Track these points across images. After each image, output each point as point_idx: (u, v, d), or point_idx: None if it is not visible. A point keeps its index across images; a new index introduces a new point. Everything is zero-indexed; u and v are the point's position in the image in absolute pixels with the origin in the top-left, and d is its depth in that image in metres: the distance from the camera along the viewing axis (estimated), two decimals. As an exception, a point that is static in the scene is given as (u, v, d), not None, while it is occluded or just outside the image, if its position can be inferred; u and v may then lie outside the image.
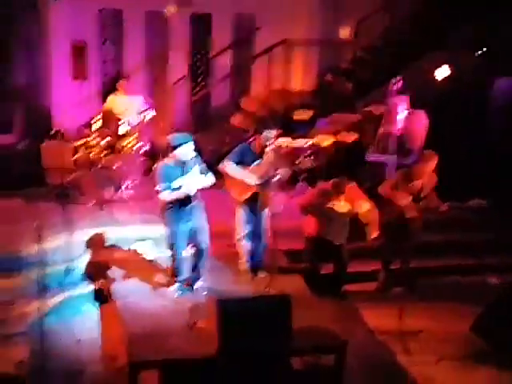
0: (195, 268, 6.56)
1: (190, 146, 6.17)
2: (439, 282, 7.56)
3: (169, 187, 6.13)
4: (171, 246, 6.46)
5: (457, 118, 9.20)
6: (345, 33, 10.27)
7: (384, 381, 5.98)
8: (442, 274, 7.69)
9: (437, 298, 7.23)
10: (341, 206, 6.88)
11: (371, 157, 8.87)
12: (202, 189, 6.32)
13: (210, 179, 6.41)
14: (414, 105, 8.73)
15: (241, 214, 6.86)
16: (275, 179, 6.63)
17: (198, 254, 6.50)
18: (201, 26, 10.36)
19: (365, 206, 6.92)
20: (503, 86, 9.40)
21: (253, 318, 5.73)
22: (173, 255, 6.52)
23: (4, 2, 9.04)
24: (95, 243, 7.26)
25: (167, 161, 6.28)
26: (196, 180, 6.21)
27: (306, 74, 10.47)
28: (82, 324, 6.45)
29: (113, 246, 7.30)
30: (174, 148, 6.14)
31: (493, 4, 9.48)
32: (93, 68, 9.80)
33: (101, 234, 7.34)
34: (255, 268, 7.05)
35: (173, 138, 6.30)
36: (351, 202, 6.94)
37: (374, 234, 6.92)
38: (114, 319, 6.37)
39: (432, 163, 6.92)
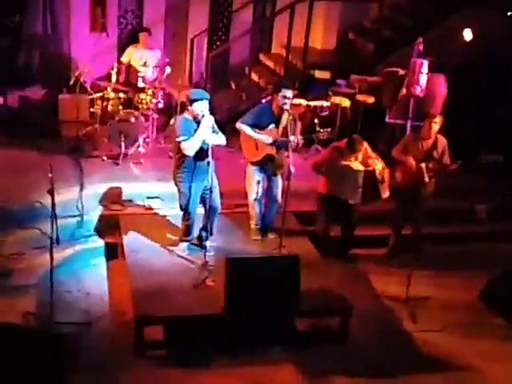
0: (205, 227, 6.58)
1: (206, 103, 6.16)
2: (449, 249, 7.51)
3: (187, 138, 6.13)
4: (184, 204, 6.46)
5: (480, 82, 8.98)
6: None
7: (389, 346, 6.02)
8: (451, 241, 7.63)
9: (445, 266, 7.24)
10: (355, 163, 6.82)
11: (390, 119, 8.72)
12: (213, 147, 6.29)
13: (221, 139, 6.38)
14: (437, 68, 8.51)
15: (253, 175, 6.83)
16: (290, 142, 6.57)
17: (209, 212, 6.50)
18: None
19: (379, 164, 6.86)
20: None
21: (261, 278, 5.79)
22: (185, 213, 6.54)
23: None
24: (108, 197, 7.32)
25: (186, 115, 6.29)
26: (211, 136, 6.20)
27: (327, 32, 10.18)
28: (91, 278, 6.57)
29: (125, 202, 7.35)
30: (192, 103, 6.15)
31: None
32: (112, 19, 9.66)
33: (113, 188, 7.39)
34: (265, 229, 7.06)
35: (191, 92, 6.37)
36: (365, 160, 6.87)
37: (387, 193, 6.87)
38: (123, 274, 6.47)
39: (437, 123, 6.91)
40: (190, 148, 6.15)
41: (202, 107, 6.14)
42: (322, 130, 7.17)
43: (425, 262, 6.94)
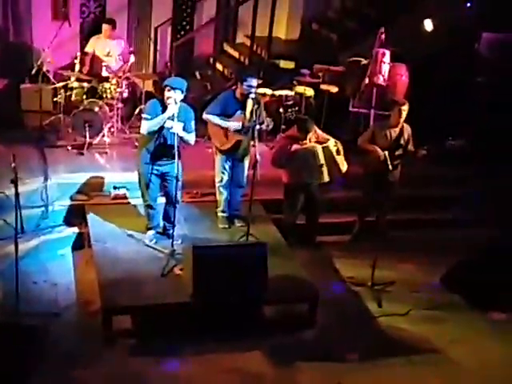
0: (169, 215, 6.59)
1: (179, 92, 6.17)
2: (413, 235, 7.65)
3: (150, 118, 6.18)
4: (142, 190, 6.50)
5: (441, 72, 9.16)
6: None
7: (355, 330, 6.13)
8: (415, 227, 7.77)
9: (410, 251, 7.39)
10: (311, 144, 6.88)
11: (354, 108, 8.83)
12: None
13: (190, 137, 6.39)
14: (399, 58, 8.65)
15: (221, 162, 6.88)
16: (257, 128, 6.62)
17: (170, 201, 6.52)
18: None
19: (331, 139, 6.94)
20: (489, 41, 9.33)
21: (228, 266, 5.83)
22: (143, 199, 6.57)
23: None
24: (73, 188, 7.25)
25: (159, 98, 6.36)
26: (177, 126, 6.18)
27: (291, 22, 10.27)
28: (58, 268, 6.53)
29: (90, 191, 7.30)
30: (165, 87, 6.19)
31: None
32: (74, 8, 9.54)
33: (79, 178, 7.32)
34: (232, 217, 7.11)
35: (170, 79, 6.52)
36: (317, 140, 6.95)
37: (345, 165, 6.96)
38: (89, 264, 6.45)
39: (405, 111, 6.99)
40: (146, 127, 6.22)
41: (169, 95, 6.14)
42: (289, 110, 7.23)
43: (389, 247, 7.04)
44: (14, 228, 5.75)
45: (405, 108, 7.03)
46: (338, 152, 6.89)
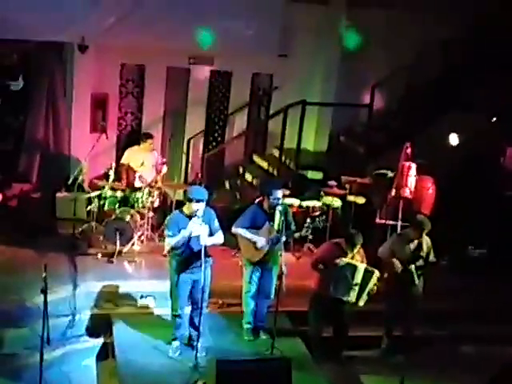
0: (195, 325, 6.59)
1: (202, 204, 6.29)
2: (442, 350, 7.47)
3: (172, 235, 6.24)
4: (172, 299, 6.53)
5: (467, 185, 9.26)
6: (361, 97, 10.44)
7: None
8: (445, 342, 7.60)
9: (439, 367, 7.17)
10: (355, 260, 6.85)
11: (381, 220, 8.91)
12: (212, 245, 6.39)
13: (218, 238, 6.50)
14: (425, 171, 8.81)
15: (250, 273, 6.92)
16: (283, 240, 6.70)
17: (197, 311, 6.51)
18: (220, 82, 10.61)
19: (377, 272, 6.85)
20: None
21: (252, 381, 5.73)
22: (173, 303, 6.58)
23: (30, 52, 9.33)
24: (100, 296, 7.34)
25: (181, 211, 6.43)
26: (203, 234, 6.26)
27: (319, 134, 10.61)
28: (80, 379, 6.49)
29: (118, 300, 7.37)
30: (190, 200, 6.28)
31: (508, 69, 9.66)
32: (112, 121, 10.03)
33: (107, 286, 7.43)
34: (258, 329, 7.07)
35: (190, 190, 6.48)
36: (362, 261, 6.93)
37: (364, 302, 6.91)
38: (113, 376, 6.40)
39: (425, 228, 6.99)
40: (169, 244, 6.27)
41: (197, 207, 6.27)
42: (317, 219, 7.31)
43: (418, 363, 6.88)
44: (41, 337, 5.80)
45: (427, 228, 7.02)
46: (375, 285, 6.85)
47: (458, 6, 9.79)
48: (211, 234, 6.42)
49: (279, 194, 6.81)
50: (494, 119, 9.91)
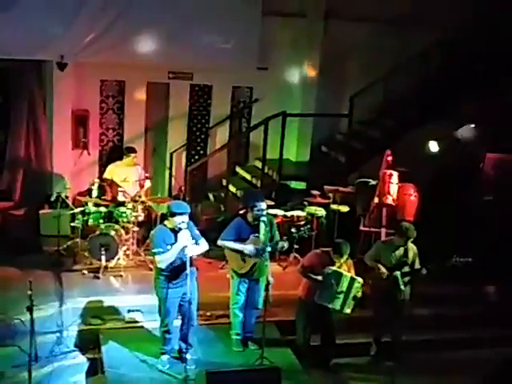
0: (183, 339, 6.58)
1: (186, 217, 6.32)
2: (430, 356, 7.52)
3: (163, 251, 6.24)
4: (161, 309, 6.51)
5: (447, 191, 9.39)
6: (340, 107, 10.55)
7: None
8: (432, 348, 7.66)
9: (427, 373, 7.22)
10: (342, 269, 6.89)
11: (365, 227, 9.00)
12: (195, 256, 6.41)
13: (202, 247, 6.51)
14: (407, 178, 8.92)
15: (237, 284, 6.93)
16: (269, 250, 6.73)
17: (186, 324, 6.53)
18: (201, 96, 10.67)
19: (361, 280, 6.92)
20: (493, 162, 9.67)
21: (242, 391, 5.74)
22: (162, 320, 6.57)
23: (8, 70, 9.31)
24: (87, 312, 7.31)
25: (164, 225, 6.44)
26: (191, 248, 6.28)
27: (301, 145, 10.69)
28: (70, 396, 6.46)
29: (105, 315, 7.34)
30: (172, 215, 6.30)
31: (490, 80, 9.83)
32: (93, 136, 10.04)
33: (93, 302, 7.40)
34: (246, 339, 7.08)
35: (172, 204, 6.50)
36: (349, 270, 6.99)
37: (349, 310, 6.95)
38: (102, 391, 6.38)
39: (410, 235, 7.06)
40: (162, 261, 6.27)
41: (181, 220, 6.30)
42: (302, 228, 7.37)
43: (406, 369, 6.92)
44: (28, 355, 5.76)
45: (412, 235, 7.08)
46: (358, 292, 6.89)
47: (437, 15, 9.97)
48: (196, 243, 6.44)
49: (263, 205, 6.85)
50: (472, 126, 10.04)
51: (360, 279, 6.90)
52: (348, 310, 6.91)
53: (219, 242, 6.88)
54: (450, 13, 9.96)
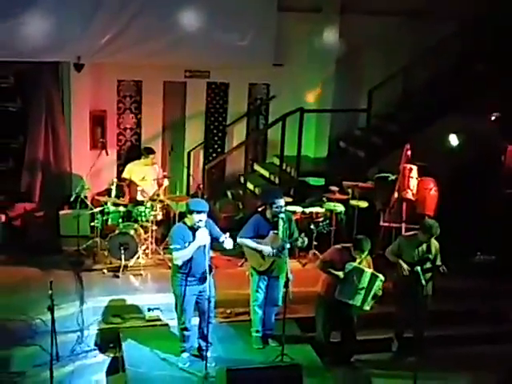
0: (204, 336, 6.58)
1: (204, 215, 6.31)
2: (452, 351, 7.44)
3: (180, 248, 6.25)
4: (178, 307, 6.52)
5: (468, 185, 9.26)
6: (358, 101, 10.47)
7: None
8: (455, 343, 7.57)
9: (450, 368, 7.15)
10: (363, 265, 6.85)
11: (385, 223, 8.91)
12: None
13: (229, 243, 6.49)
14: (426, 173, 8.82)
15: (257, 281, 6.90)
16: (288, 247, 6.69)
17: (204, 321, 6.52)
18: (217, 94, 10.66)
19: (382, 277, 6.87)
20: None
21: (263, 388, 5.72)
22: (179, 317, 6.57)
23: (26, 73, 9.38)
24: (108, 311, 7.33)
25: (184, 222, 6.44)
26: (208, 244, 6.28)
27: (319, 141, 10.63)
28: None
29: (125, 314, 7.35)
30: (191, 212, 6.29)
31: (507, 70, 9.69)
32: (111, 137, 10.07)
33: (114, 301, 7.42)
34: (266, 336, 7.06)
35: (191, 202, 6.51)
36: (369, 267, 6.94)
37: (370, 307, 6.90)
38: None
39: (434, 232, 6.99)
40: (179, 258, 6.27)
41: (198, 218, 6.29)
42: (321, 224, 7.33)
43: (428, 365, 6.84)
44: (50, 354, 5.79)
45: (436, 232, 7.01)
46: (380, 289, 6.85)
47: (453, 7, 9.85)
48: (217, 240, 6.45)
49: (281, 202, 6.81)
50: (494, 117, 9.89)
51: (382, 276, 6.84)
52: (367, 307, 6.86)
53: (238, 240, 6.86)
54: (466, 4, 9.83)
